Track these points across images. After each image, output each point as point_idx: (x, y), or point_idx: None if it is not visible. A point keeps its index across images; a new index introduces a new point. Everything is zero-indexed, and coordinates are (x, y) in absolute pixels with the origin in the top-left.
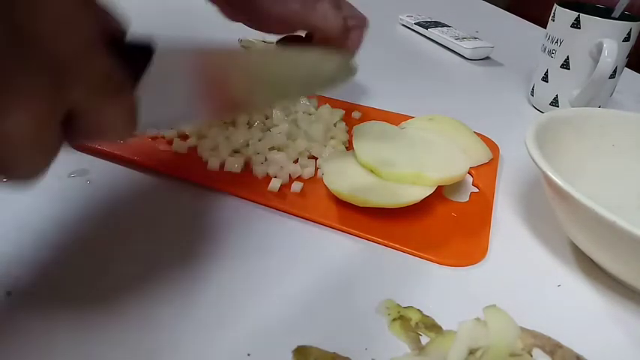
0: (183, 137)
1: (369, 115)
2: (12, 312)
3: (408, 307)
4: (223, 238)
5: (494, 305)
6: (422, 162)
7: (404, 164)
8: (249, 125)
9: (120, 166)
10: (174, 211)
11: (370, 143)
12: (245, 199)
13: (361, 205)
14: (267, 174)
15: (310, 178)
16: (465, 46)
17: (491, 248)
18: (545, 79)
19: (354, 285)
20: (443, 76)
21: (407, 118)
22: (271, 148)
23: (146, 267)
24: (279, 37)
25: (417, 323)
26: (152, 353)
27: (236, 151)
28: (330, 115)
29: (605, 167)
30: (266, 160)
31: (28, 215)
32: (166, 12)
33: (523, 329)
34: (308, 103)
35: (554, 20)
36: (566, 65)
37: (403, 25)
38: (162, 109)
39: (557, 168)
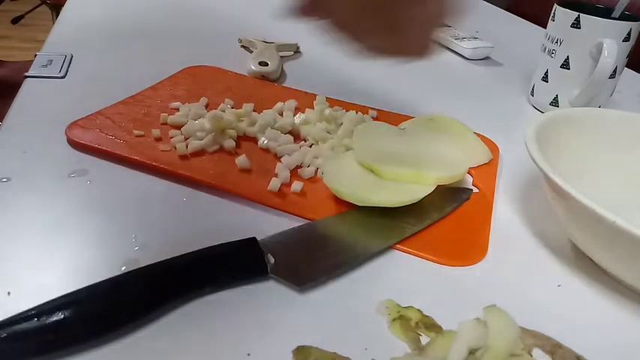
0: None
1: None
2: (11, 313)
3: (408, 307)
4: (224, 237)
5: (494, 305)
6: (422, 162)
7: (404, 164)
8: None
9: (120, 167)
10: (174, 211)
11: (370, 143)
12: (246, 198)
13: (361, 205)
14: (269, 149)
15: (310, 177)
16: (465, 46)
17: (491, 248)
18: (545, 79)
19: (354, 285)
20: (443, 76)
21: (407, 118)
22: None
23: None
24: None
25: (417, 323)
26: (152, 351)
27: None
28: (330, 115)
29: (605, 167)
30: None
31: (29, 215)
32: (167, 10)
33: (523, 329)
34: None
35: (554, 20)
36: (566, 65)
37: None
38: None
39: (557, 168)
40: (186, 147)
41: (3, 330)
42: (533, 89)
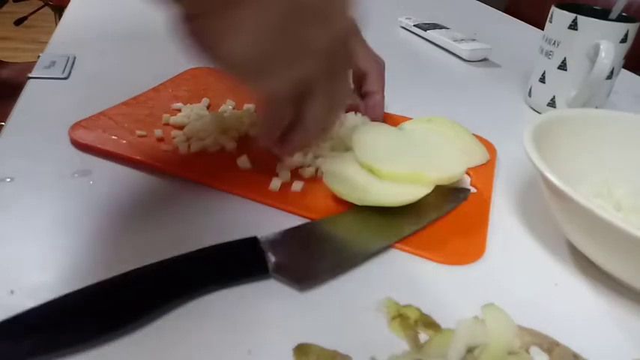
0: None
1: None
2: (14, 311)
3: (407, 305)
4: (225, 237)
5: (492, 304)
6: (420, 162)
7: (403, 164)
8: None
9: (122, 167)
10: (176, 211)
11: (370, 143)
12: (246, 198)
13: (360, 204)
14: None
15: (310, 177)
16: (463, 48)
17: (489, 247)
18: (542, 80)
19: (354, 283)
20: (441, 77)
21: (406, 119)
22: None
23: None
24: None
25: (415, 321)
26: (152, 351)
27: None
28: None
29: (602, 168)
30: None
31: (31, 215)
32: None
33: (521, 327)
34: None
35: (551, 22)
36: (563, 66)
37: (402, 27)
38: None
39: (555, 168)
40: (188, 147)
41: (6, 328)
42: (530, 90)
